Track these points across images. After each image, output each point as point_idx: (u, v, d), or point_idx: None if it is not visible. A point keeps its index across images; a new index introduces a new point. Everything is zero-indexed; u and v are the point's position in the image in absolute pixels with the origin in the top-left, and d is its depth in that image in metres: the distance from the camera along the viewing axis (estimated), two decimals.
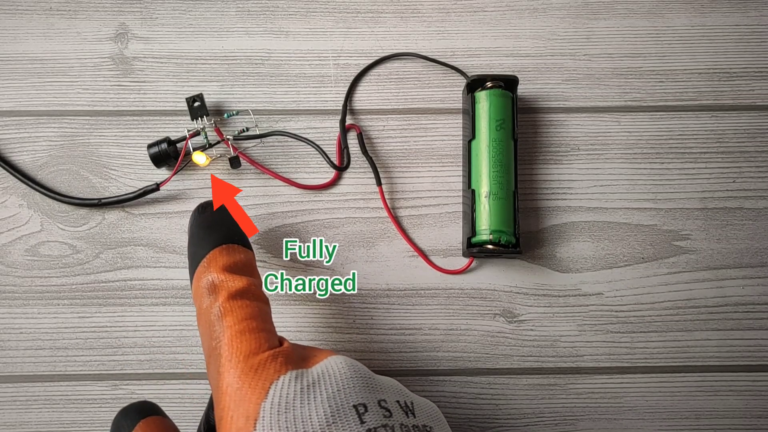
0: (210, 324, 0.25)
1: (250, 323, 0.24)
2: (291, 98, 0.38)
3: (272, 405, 0.21)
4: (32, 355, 0.35)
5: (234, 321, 0.24)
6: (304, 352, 0.25)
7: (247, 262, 0.27)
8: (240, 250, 0.27)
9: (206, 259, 0.27)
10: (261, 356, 0.23)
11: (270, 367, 0.22)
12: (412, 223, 0.37)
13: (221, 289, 0.25)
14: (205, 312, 0.25)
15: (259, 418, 0.21)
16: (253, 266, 0.28)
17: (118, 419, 0.26)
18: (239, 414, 0.21)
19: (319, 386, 0.22)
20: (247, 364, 0.23)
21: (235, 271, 0.26)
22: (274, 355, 0.23)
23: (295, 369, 0.23)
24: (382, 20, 0.39)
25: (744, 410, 0.35)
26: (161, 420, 0.26)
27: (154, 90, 0.38)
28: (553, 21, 0.39)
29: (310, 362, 0.24)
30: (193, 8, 0.39)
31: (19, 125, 0.37)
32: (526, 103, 0.38)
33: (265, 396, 0.21)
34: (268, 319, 0.26)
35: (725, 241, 0.36)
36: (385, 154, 0.37)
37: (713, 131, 0.38)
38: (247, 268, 0.27)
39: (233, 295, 0.25)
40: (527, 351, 0.35)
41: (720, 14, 0.39)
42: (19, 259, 0.36)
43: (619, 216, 0.37)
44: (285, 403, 0.21)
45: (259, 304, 0.26)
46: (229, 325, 0.24)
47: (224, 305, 0.25)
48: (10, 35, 0.38)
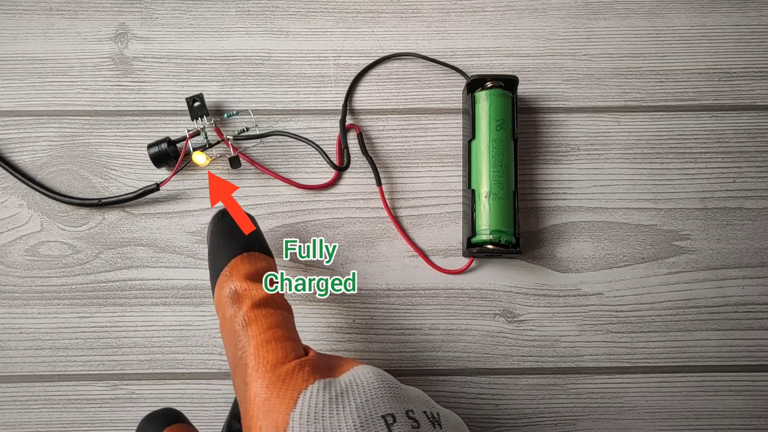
0: (234, 333, 0.24)
1: (276, 332, 0.24)
2: (291, 98, 0.38)
3: (301, 415, 0.21)
4: (32, 355, 0.35)
5: (259, 330, 0.24)
6: (330, 361, 0.25)
7: (268, 269, 0.27)
8: (261, 257, 0.27)
9: (228, 268, 0.26)
10: (288, 365, 0.23)
11: (298, 376, 0.22)
12: (412, 223, 0.37)
13: (244, 298, 0.25)
14: (228, 321, 0.25)
15: (289, 428, 0.21)
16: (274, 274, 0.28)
17: (142, 426, 0.26)
18: (268, 424, 0.21)
19: (348, 396, 0.22)
20: (275, 373, 0.22)
21: (258, 279, 0.26)
22: (301, 364, 0.23)
23: (323, 378, 0.23)
24: (382, 20, 0.39)
25: (744, 410, 0.35)
26: (186, 428, 0.26)
27: (154, 90, 0.38)
28: (553, 21, 0.39)
29: (337, 371, 0.24)
30: (193, 8, 0.39)
31: (19, 125, 0.37)
32: (526, 103, 0.38)
33: (293, 406, 0.21)
34: (292, 327, 0.25)
35: (725, 241, 0.36)
36: (385, 154, 0.37)
37: (713, 131, 0.38)
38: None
39: (257, 304, 0.25)
40: (527, 351, 0.35)
41: (720, 14, 0.39)
42: (19, 259, 0.36)
43: (619, 216, 0.37)
44: (314, 413, 0.21)
45: (283, 312, 0.25)
46: (254, 334, 0.24)
47: (248, 314, 0.24)
48: (10, 35, 0.38)
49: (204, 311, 0.35)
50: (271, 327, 0.24)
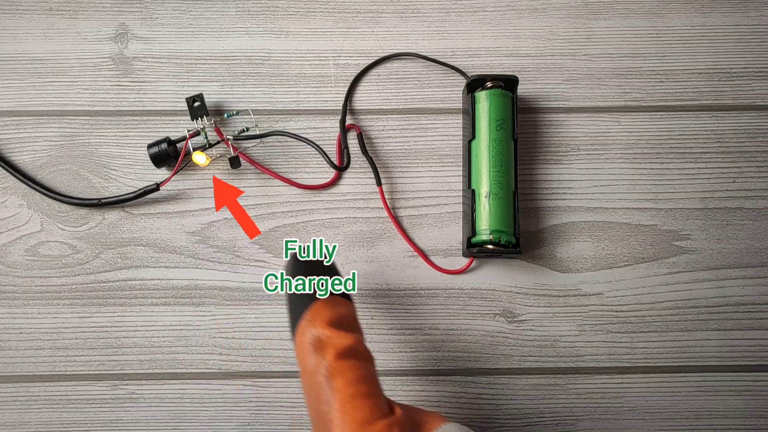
0: (317, 385, 0.24)
1: (361, 387, 0.23)
2: (291, 98, 0.38)
3: None
4: (32, 355, 0.35)
5: (344, 384, 0.23)
6: (415, 417, 0.24)
7: (350, 315, 0.26)
8: (342, 302, 0.27)
9: (309, 313, 0.26)
10: (376, 426, 0.22)
11: None
12: (412, 223, 0.37)
13: (328, 347, 0.24)
14: (311, 372, 0.24)
15: None
16: (355, 319, 0.27)
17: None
18: None
19: None
20: None
21: (341, 326, 0.25)
22: (389, 426, 0.22)
23: None
24: (382, 20, 0.39)
25: (744, 410, 0.35)
26: (337, 301, 0.26)
27: (154, 90, 0.38)
28: (553, 21, 0.39)
29: (423, 430, 0.23)
30: (193, 8, 0.39)
31: (19, 125, 0.37)
32: (526, 103, 0.38)
33: None
34: (376, 381, 0.25)
35: (725, 241, 0.36)
36: (385, 154, 0.37)
37: (713, 131, 0.38)
38: (351, 322, 0.26)
39: (341, 354, 0.24)
40: (527, 351, 0.35)
41: (720, 14, 0.39)
42: (19, 259, 0.36)
43: (619, 216, 0.37)
44: None
45: (367, 364, 0.25)
46: (339, 388, 0.23)
47: (332, 365, 0.24)
48: (10, 35, 0.38)
49: (204, 311, 0.35)
50: (357, 381, 0.23)
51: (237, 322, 0.35)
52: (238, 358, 0.35)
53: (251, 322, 0.35)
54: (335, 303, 0.26)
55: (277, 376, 0.35)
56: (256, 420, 0.34)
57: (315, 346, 0.25)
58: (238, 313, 0.35)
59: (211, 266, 0.36)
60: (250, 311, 0.35)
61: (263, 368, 0.35)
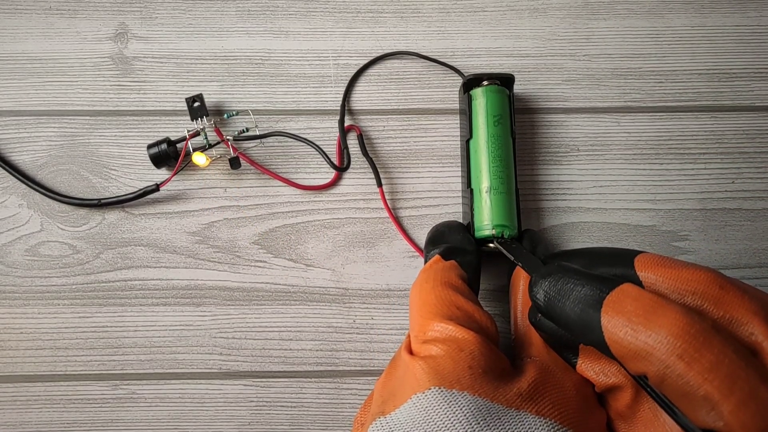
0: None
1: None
2: (291, 98, 0.38)
3: None
4: (32, 355, 0.35)
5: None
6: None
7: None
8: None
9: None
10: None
11: None
12: (412, 224, 0.37)
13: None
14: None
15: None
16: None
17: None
18: None
19: None
20: None
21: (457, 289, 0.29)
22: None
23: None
24: (382, 20, 0.39)
25: None
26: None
27: (154, 90, 0.38)
28: (553, 21, 0.39)
29: None
30: (193, 8, 0.39)
31: (19, 125, 0.37)
32: (525, 104, 0.38)
33: None
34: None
35: (724, 242, 0.36)
36: (386, 154, 0.37)
37: (713, 132, 0.38)
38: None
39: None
40: None
41: (720, 14, 0.39)
42: (19, 259, 0.36)
43: (618, 217, 0.37)
44: None
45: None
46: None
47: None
48: (10, 35, 0.38)
49: (204, 311, 0.35)
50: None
51: (237, 322, 0.35)
52: (238, 358, 0.35)
53: (251, 322, 0.35)
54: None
55: (277, 376, 0.35)
56: (256, 420, 0.34)
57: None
58: (238, 313, 0.35)
59: (211, 266, 0.36)
60: (250, 311, 0.35)
61: (263, 368, 0.35)
